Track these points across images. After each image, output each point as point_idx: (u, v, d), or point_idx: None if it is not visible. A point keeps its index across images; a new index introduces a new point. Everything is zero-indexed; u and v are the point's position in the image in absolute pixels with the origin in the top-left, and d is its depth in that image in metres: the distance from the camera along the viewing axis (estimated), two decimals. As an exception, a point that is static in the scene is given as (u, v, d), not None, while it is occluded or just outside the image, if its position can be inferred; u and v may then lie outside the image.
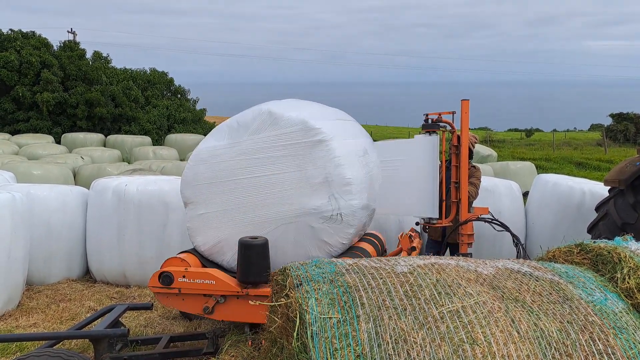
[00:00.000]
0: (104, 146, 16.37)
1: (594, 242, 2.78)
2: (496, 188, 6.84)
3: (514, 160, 17.34)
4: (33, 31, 21.11)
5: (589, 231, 5.41)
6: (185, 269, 4.06)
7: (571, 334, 2.09)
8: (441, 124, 5.34)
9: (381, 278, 2.27)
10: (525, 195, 7.75)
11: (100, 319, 4.21)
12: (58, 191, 6.21)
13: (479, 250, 6.09)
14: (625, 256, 2.54)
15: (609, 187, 5.33)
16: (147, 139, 17.66)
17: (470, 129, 5.34)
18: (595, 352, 2.04)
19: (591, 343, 2.07)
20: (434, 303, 2.11)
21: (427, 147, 5.20)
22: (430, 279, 2.26)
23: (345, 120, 4.80)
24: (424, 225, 5.45)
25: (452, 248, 5.61)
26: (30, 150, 13.09)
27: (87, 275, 6.47)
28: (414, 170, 5.22)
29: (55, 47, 21.35)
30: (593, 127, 46.96)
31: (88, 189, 6.42)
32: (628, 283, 2.41)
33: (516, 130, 47.26)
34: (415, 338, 1.96)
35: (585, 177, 9.38)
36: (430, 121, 5.36)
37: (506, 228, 5.01)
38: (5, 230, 5.02)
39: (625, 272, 2.46)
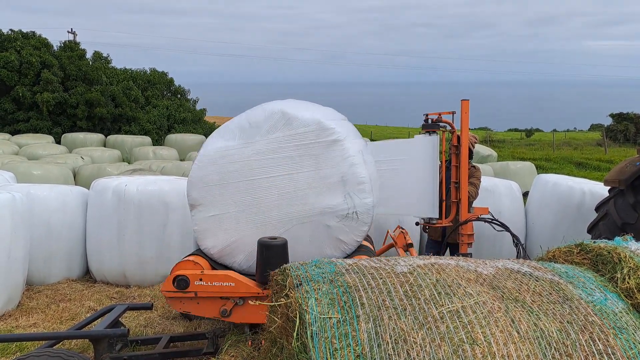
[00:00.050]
0: (104, 146, 16.37)
1: (594, 242, 2.78)
2: (496, 188, 6.85)
3: (514, 160, 17.34)
4: (33, 31, 21.12)
5: (589, 231, 5.41)
6: (201, 272, 3.98)
7: (571, 334, 2.09)
8: (441, 124, 5.35)
9: (381, 278, 2.27)
10: (525, 195, 7.75)
11: (100, 319, 4.20)
12: (58, 191, 6.21)
13: (479, 250, 6.10)
14: (625, 256, 2.54)
15: (609, 187, 5.33)
16: (147, 139, 17.67)
17: (470, 129, 5.34)
18: (595, 352, 2.04)
19: (591, 343, 2.07)
20: (434, 303, 2.11)
21: (427, 147, 5.21)
22: (430, 279, 2.26)
23: (345, 120, 4.82)
24: (424, 225, 5.46)
25: (452, 248, 5.61)
26: (30, 150, 13.09)
27: (87, 275, 6.47)
28: (414, 170, 5.22)
29: (55, 47, 21.35)
30: (593, 127, 46.95)
31: (88, 189, 6.42)
32: (628, 283, 2.41)
33: (516, 130, 47.25)
34: (415, 338, 1.96)
35: (585, 177, 9.38)
36: (430, 121, 5.37)
37: (506, 228, 5.01)
38: (5, 230, 5.02)
39: (625, 272, 2.46)
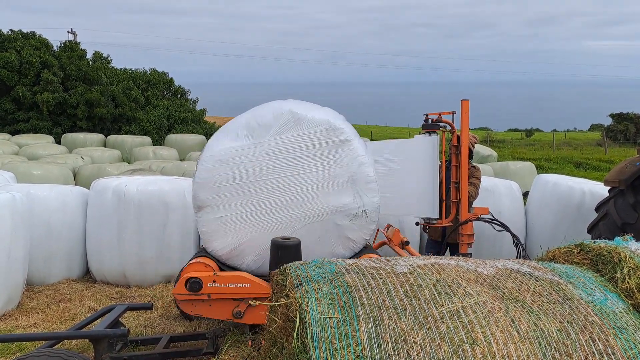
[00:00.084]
0: (104, 146, 16.37)
1: (594, 242, 2.78)
2: (496, 188, 6.85)
3: (514, 160, 17.34)
4: (33, 31, 21.12)
5: (589, 231, 5.41)
6: (214, 274, 3.94)
7: (571, 334, 2.09)
8: (441, 124, 5.35)
9: (381, 278, 2.27)
10: (525, 195, 7.76)
11: (100, 319, 4.20)
12: (58, 191, 6.21)
13: (479, 250, 6.10)
14: (625, 256, 2.54)
15: (609, 187, 5.34)
16: (147, 139, 17.67)
17: (470, 129, 5.35)
18: (595, 352, 2.04)
19: (591, 343, 2.07)
20: (434, 303, 2.11)
21: (427, 147, 5.21)
22: (430, 279, 2.26)
23: (346, 120, 4.83)
24: (424, 225, 5.46)
25: (452, 248, 5.61)
26: (30, 150, 13.09)
27: (87, 275, 6.47)
28: (414, 170, 5.23)
29: (55, 48, 21.35)
30: (593, 127, 46.93)
31: (88, 189, 6.41)
32: (628, 283, 2.41)
33: (516, 130, 47.25)
34: (415, 338, 1.96)
35: (585, 177, 9.38)
36: (430, 121, 5.37)
37: (506, 228, 5.02)
38: (5, 230, 5.02)
39: (625, 272, 2.46)
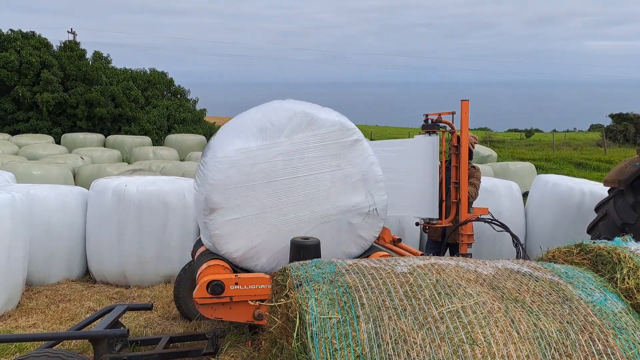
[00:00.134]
0: (104, 146, 16.37)
1: (594, 243, 2.78)
2: (496, 188, 6.85)
3: (514, 160, 17.34)
4: (33, 31, 21.12)
5: (589, 231, 5.41)
6: (236, 276, 3.89)
7: (571, 335, 2.09)
8: (441, 125, 5.35)
9: (381, 278, 2.27)
10: (525, 195, 7.76)
11: (99, 320, 4.20)
12: (58, 191, 6.21)
13: (479, 250, 6.10)
14: (624, 256, 2.54)
15: (609, 188, 5.34)
16: (147, 139, 17.67)
17: (470, 130, 5.35)
18: (594, 353, 2.04)
19: (591, 343, 2.07)
20: (434, 303, 2.11)
21: (427, 148, 5.21)
22: (430, 280, 2.26)
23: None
24: (424, 225, 5.46)
25: (452, 248, 5.62)
26: (30, 150, 13.09)
27: (87, 275, 6.47)
28: (414, 170, 5.23)
29: (55, 47, 21.35)
30: (593, 128, 46.94)
31: (88, 189, 6.42)
32: (627, 283, 2.41)
33: (516, 130, 47.26)
34: (415, 338, 1.96)
35: (585, 178, 9.39)
36: (430, 121, 5.37)
37: (506, 228, 5.02)
38: (5, 230, 5.02)
39: (624, 273, 2.46)
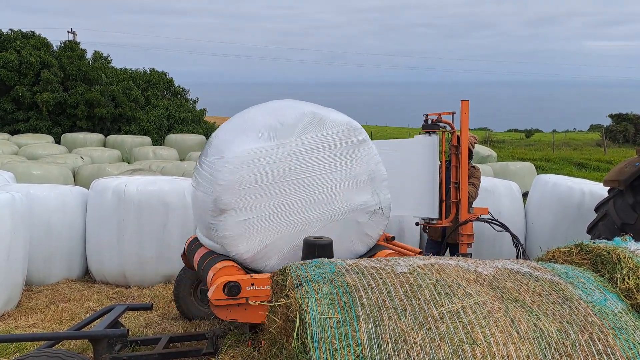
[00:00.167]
0: (104, 146, 16.37)
1: (594, 243, 2.78)
2: (496, 188, 6.85)
3: (514, 160, 17.35)
4: (33, 31, 21.12)
5: (589, 231, 5.41)
6: (251, 276, 3.88)
7: (571, 334, 2.09)
8: (441, 125, 5.35)
9: (381, 278, 2.27)
10: (524, 195, 7.76)
11: (99, 320, 4.20)
12: (58, 191, 6.21)
13: (479, 250, 6.10)
14: (624, 256, 2.54)
15: (609, 188, 5.34)
16: (147, 139, 17.67)
17: (470, 130, 5.35)
18: (594, 353, 2.04)
19: (590, 343, 2.07)
20: (434, 303, 2.11)
21: (427, 148, 5.21)
22: (430, 279, 2.26)
23: None
24: (424, 225, 5.46)
25: (452, 248, 5.62)
26: (30, 150, 13.09)
27: (87, 275, 6.47)
28: (414, 170, 5.23)
29: (55, 47, 21.35)
30: (592, 128, 46.96)
31: (88, 189, 6.42)
32: (627, 283, 2.41)
33: (516, 130, 47.29)
34: (415, 338, 1.96)
35: (584, 178, 9.39)
36: (430, 121, 5.37)
37: (506, 228, 5.02)
38: (5, 230, 5.01)
39: (624, 273, 2.46)
